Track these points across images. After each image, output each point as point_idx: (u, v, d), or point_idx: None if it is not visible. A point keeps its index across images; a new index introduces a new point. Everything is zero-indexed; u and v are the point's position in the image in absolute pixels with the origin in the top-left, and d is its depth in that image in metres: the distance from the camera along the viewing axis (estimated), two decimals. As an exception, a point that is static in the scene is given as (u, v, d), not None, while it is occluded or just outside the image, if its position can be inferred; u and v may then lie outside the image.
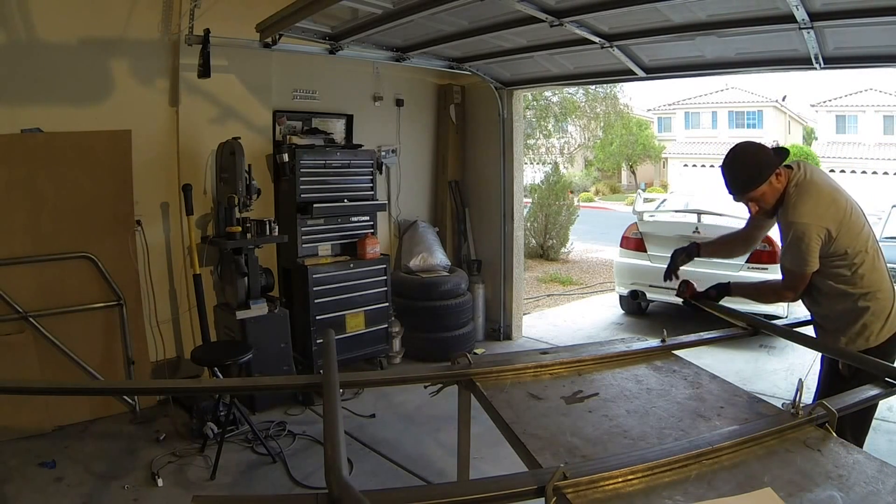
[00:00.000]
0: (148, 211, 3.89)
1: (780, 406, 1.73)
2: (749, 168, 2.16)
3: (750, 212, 2.30)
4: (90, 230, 3.60)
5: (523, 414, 1.76)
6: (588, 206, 19.76)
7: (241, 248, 3.81)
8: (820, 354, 2.38)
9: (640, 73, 4.17)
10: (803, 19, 2.90)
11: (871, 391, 1.76)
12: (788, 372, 4.67)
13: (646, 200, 6.76)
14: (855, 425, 1.94)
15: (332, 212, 4.31)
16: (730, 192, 2.24)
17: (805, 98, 25.80)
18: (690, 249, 2.63)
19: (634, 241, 6.08)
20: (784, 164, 2.19)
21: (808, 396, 2.14)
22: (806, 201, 2.10)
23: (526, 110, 8.67)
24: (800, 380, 1.65)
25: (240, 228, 3.80)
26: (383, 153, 5.14)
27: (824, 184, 2.16)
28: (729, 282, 2.51)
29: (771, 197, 2.17)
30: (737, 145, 2.25)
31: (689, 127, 27.47)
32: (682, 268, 2.65)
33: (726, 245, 2.67)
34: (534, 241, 10.47)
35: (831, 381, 2.21)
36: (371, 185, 4.57)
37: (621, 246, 6.26)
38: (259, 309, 3.83)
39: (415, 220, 5.40)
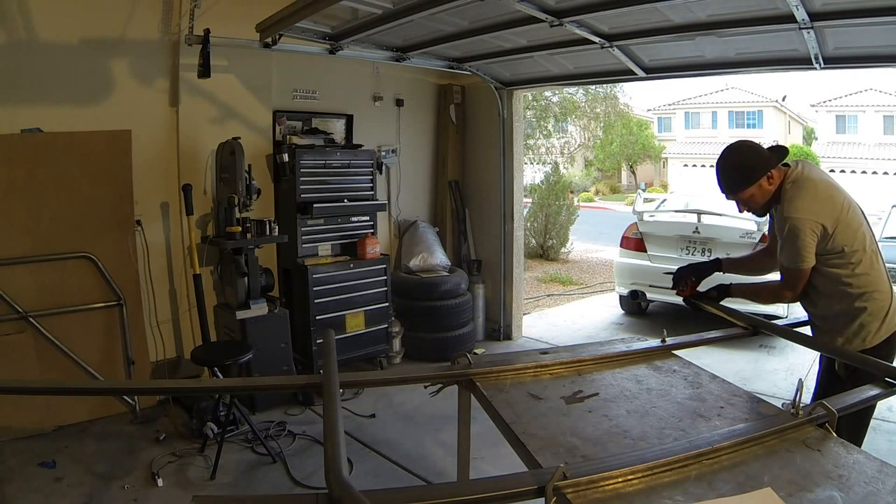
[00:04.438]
0: (148, 211, 3.89)
1: (780, 406, 1.72)
2: (738, 170, 2.17)
3: (739, 209, 2.30)
4: (90, 230, 3.60)
5: (523, 414, 1.76)
6: (588, 206, 19.76)
7: (241, 248, 3.81)
8: (819, 354, 2.38)
9: (640, 73, 4.17)
10: (803, 19, 2.90)
11: (870, 391, 1.75)
12: (788, 372, 4.67)
13: (646, 200, 6.76)
14: (851, 426, 1.93)
15: (332, 212, 4.31)
16: (721, 191, 2.25)
17: (805, 98, 25.86)
18: (712, 265, 2.57)
19: (634, 241, 6.08)
20: (782, 163, 2.19)
21: (808, 396, 2.15)
22: (801, 197, 2.10)
23: (526, 110, 8.66)
24: (800, 380, 1.65)
25: (240, 228, 3.80)
26: (383, 153, 5.14)
27: (821, 181, 2.16)
28: (730, 283, 2.51)
29: (760, 198, 2.19)
30: (730, 145, 2.26)
31: (689, 127, 27.48)
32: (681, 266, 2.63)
33: (753, 261, 2.64)
34: (534, 241, 10.47)
35: (829, 382, 2.21)
36: (371, 185, 4.57)
37: (621, 246, 6.26)
38: (259, 309, 3.83)
39: (415, 220, 5.40)
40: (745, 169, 2.16)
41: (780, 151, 2.21)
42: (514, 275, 5.46)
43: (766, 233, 2.66)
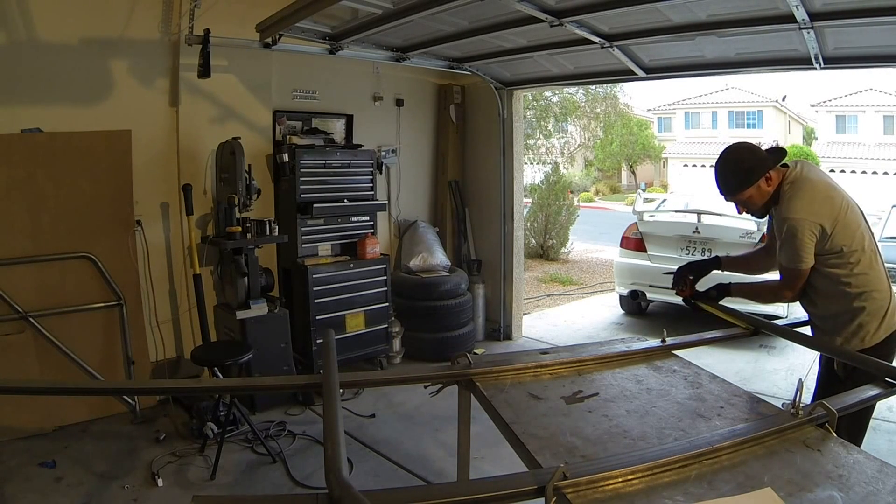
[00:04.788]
0: (148, 211, 3.89)
1: (780, 406, 1.73)
2: (737, 172, 2.18)
3: (738, 211, 2.32)
4: (90, 230, 3.60)
5: (523, 414, 1.76)
6: (588, 206, 19.76)
7: (241, 248, 3.81)
8: (819, 354, 2.38)
9: (640, 73, 4.17)
10: (803, 19, 2.90)
11: (870, 391, 1.75)
12: (788, 372, 4.67)
13: (646, 200, 6.76)
14: (851, 426, 1.93)
15: (332, 212, 4.31)
16: (720, 193, 2.27)
17: (805, 98, 25.87)
18: (711, 262, 2.55)
19: (634, 241, 6.08)
20: (780, 163, 2.19)
21: (808, 396, 2.15)
22: (800, 197, 2.11)
23: (526, 110, 8.66)
24: (800, 380, 1.65)
25: (240, 228, 3.80)
26: (383, 153, 5.14)
27: (819, 181, 2.17)
28: (730, 282, 2.51)
29: (759, 199, 2.20)
30: (728, 147, 2.27)
31: (689, 127, 27.48)
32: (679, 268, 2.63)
33: (751, 260, 2.64)
34: (534, 241, 10.47)
35: (828, 382, 2.21)
36: (371, 185, 4.57)
37: (621, 246, 6.26)
38: (259, 309, 3.83)
39: (415, 220, 5.40)
40: (743, 171, 2.16)
41: (778, 152, 2.22)
42: (514, 275, 5.46)
43: (766, 232, 2.64)
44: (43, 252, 3.44)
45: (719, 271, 2.60)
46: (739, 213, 2.34)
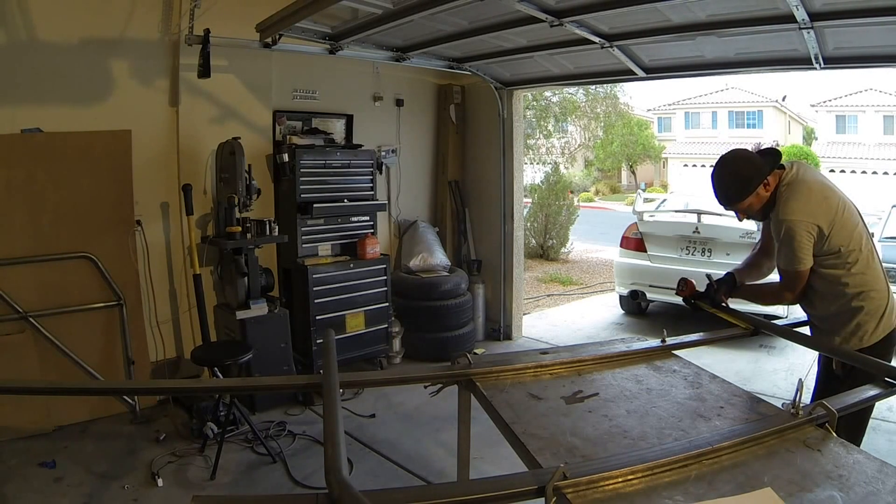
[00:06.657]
0: (148, 211, 3.89)
1: (780, 406, 1.73)
2: (735, 182, 2.17)
3: (738, 218, 2.32)
4: (90, 230, 3.60)
5: (523, 414, 1.76)
6: (588, 206, 19.77)
7: (241, 248, 3.81)
8: (819, 354, 2.38)
9: (640, 73, 4.17)
10: (803, 19, 2.90)
11: (870, 391, 1.75)
12: (788, 372, 4.67)
13: (646, 200, 6.76)
14: (850, 426, 1.93)
15: (332, 212, 4.31)
16: (718, 202, 2.27)
17: (805, 98, 25.89)
18: (728, 280, 2.50)
19: (634, 241, 6.08)
20: (776, 166, 2.18)
21: (808, 396, 2.15)
22: (797, 199, 2.11)
23: (526, 110, 8.67)
24: (800, 380, 1.65)
25: (240, 228, 3.80)
26: (383, 153, 5.14)
27: (815, 182, 2.16)
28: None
29: (758, 205, 2.20)
30: (724, 156, 2.26)
31: (689, 127, 27.49)
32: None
33: (753, 265, 2.61)
34: (534, 241, 10.47)
35: (828, 382, 2.21)
36: (371, 185, 4.57)
37: (621, 246, 6.26)
38: (259, 309, 3.83)
39: (415, 220, 5.40)
40: (741, 180, 2.16)
41: (773, 155, 2.20)
42: (514, 275, 5.46)
43: (757, 232, 2.63)
44: (43, 252, 3.44)
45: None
46: (740, 220, 2.33)
